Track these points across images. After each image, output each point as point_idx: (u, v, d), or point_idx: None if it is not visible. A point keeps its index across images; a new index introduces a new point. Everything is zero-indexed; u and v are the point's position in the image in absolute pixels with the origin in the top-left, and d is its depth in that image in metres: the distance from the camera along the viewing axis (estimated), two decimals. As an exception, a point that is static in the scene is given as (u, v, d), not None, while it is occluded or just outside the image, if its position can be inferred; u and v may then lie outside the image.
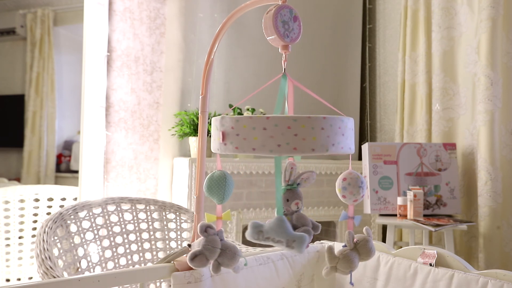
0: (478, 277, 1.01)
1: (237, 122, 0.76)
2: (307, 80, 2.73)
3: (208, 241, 0.90)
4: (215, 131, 0.81)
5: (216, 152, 0.83)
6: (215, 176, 0.90)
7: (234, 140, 0.77)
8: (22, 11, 3.89)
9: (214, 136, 0.82)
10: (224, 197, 0.90)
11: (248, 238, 0.85)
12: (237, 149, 0.77)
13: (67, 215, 1.33)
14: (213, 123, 0.82)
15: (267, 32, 0.83)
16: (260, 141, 0.74)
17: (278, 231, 0.81)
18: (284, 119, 0.73)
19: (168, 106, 2.39)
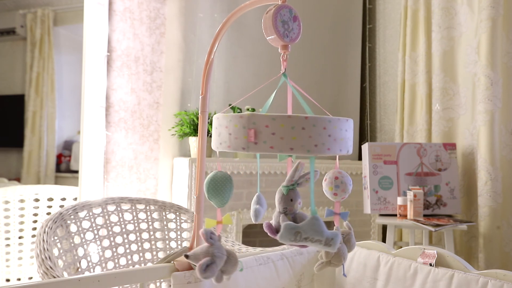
0: (478, 277, 1.01)
1: (274, 121, 0.73)
2: (307, 80, 2.73)
3: (217, 248, 0.86)
4: (241, 129, 0.75)
5: (241, 152, 0.77)
6: (218, 177, 0.86)
7: (269, 139, 0.74)
8: (22, 11, 3.89)
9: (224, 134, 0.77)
10: (226, 201, 0.87)
11: (282, 241, 0.82)
12: (272, 149, 0.74)
13: (67, 215, 1.32)
14: (233, 121, 0.76)
15: (267, 32, 0.83)
16: (299, 141, 0.74)
17: (317, 230, 0.82)
18: (321, 119, 0.75)
19: (168, 106, 2.39)
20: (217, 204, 0.87)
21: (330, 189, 0.92)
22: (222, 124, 0.78)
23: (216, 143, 0.80)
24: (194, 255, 0.87)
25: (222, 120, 0.78)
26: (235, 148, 0.76)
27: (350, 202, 2.66)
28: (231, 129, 0.76)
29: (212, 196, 0.86)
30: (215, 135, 0.80)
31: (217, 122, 0.80)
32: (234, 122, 0.76)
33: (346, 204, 2.64)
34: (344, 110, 2.84)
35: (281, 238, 0.81)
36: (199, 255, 0.86)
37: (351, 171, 2.68)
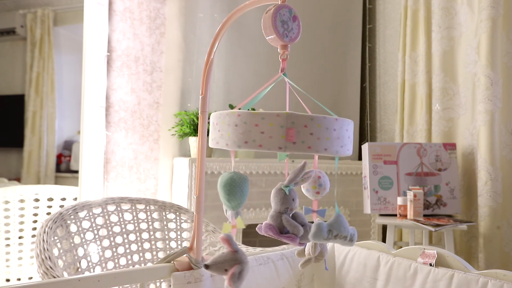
0: (478, 277, 1.01)
1: (311, 121, 0.72)
2: (307, 80, 2.73)
3: (242, 254, 0.81)
4: (278, 128, 0.72)
5: (279, 152, 0.73)
6: (236, 178, 0.81)
7: (307, 140, 0.72)
8: (22, 11, 3.89)
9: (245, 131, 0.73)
10: (243, 203, 0.82)
11: (316, 240, 0.81)
12: (309, 149, 0.72)
13: (67, 215, 1.32)
14: (267, 119, 0.72)
15: (266, 32, 0.83)
16: (331, 142, 0.74)
17: (345, 227, 0.84)
18: (346, 122, 0.77)
19: (168, 106, 2.39)
20: (234, 207, 0.82)
21: (313, 188, 0.94)
22: (250, 122, 0.73)
23: (238, 141, 0.74)
24: (217, 264, 0.81)
25: (250, 118, 0.73)
26: (267, 148, 0.73)
27: (350, 202, 2.66)
28: (263, 128, 0.72)
29: (232, 198, 0.81)
30: (235, 132, 0.74)
31: (241, 119, 0.74)
32: (268, 121, 0.72)
33: (346, 204, 2.64)
34: (344, 110, 2.84)
35: (315, 237, 0.81)
36: (224, 264, 0.80)
37: (351, 171, 2.68)
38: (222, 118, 0.77)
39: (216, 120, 0.78)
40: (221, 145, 0.77)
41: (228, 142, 0.75)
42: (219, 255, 0.81)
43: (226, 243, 0.80)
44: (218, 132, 0.77)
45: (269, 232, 0.85)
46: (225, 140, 0.76)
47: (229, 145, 0.75)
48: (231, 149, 0.76)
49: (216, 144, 0.78)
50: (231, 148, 0.76)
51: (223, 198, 0.81)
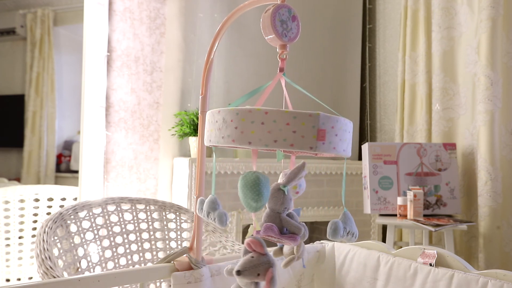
0: (478, 277, 1.01)
1: (337, 123, 0.72)
2: (307, 80, 2.73)
3: (272, 256, 0.79)
4: (310, 128, 0.70)
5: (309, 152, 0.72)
6: (262, 178, 0.77)
7: (333, 140, 0.72)
8: (22, 11, 3.90)
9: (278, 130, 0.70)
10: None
11: (335, 238, 0.81)
12: (334, 149, 0.73)
13: (67, 215, 1.32)
14: (299, 118, 0.70)
15: (265, 32, 0.83)
16: (347, 144, 0.77)
17: (353, 223, 0.84)
18: (351, 123, 0.78)
19: (168, 106, 2.39)
20: (259, 208, 0.78)
21: (294, 188, 0.93)
22: (281, 121, 0.70)
23: (265, 140, 0.71)
24: (250, 269, 0.77)
25: (281, 116, 0.71)
26: (299, 147, 0.71)
27: (350, 202, 2.66)
28: (295, 127, 0.70)
29: (259, 199, 0.77)
30: (262, 131, 0.71)
31: (270, 117, 0.71)
32: (300, 120, 0.70)
33: (346, 204, 2.64)
34: (344, 110, 2.84)
35: (334, 236, 0.80)
36: (257, 268, 0.77)
37: (351, 171, 2.68)
38: (243, 115, 0.72)
39: (232, 117, 0.73)
40: (240, 143, 0.72)
41: (252, 140, 0.71)
42: (247, 260, 0.78)
43: (259, 247, 0.78)
44: (235, 129, 0.72)
45: (270, 233, 0.82)
46: (247, 138, 0.71)
47: (253, 143, 0.71)
48: (255, 148, 0.72)
49: (231, 142, 0.73)
50: (255, 147, 0.72)
51: (248, 198, 0.76)
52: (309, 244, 1.36)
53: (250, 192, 0.75)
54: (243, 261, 0.77)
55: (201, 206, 0.84)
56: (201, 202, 0.85)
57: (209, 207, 0.81)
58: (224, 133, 0.73)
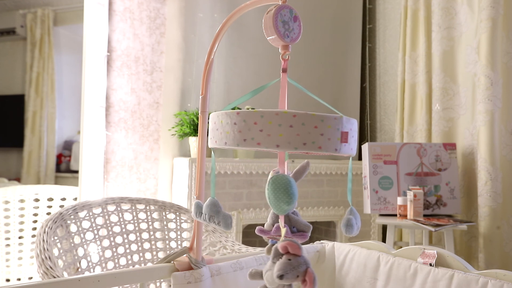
0: (478, 277, 1.01)
1: (353, 125, 0.76)
2: (307, 80, 2.73)
3: (306, 256, 0.79)
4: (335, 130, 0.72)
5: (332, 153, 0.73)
6: (292, 180, 0.76)
7: (351, 142, 0.76)
8: (22, 11, 3.90)
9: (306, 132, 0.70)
10: None
11: (349, 233, 0.82)
12: (351, 150, 0.77)
13: (67, 215, 1.33)
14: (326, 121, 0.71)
15: (267, 32, 0.83)
16: (355, 143, 0.79)
17: (358, 218, 0.85)
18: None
19: (168, 106, 2.39)
20: (287, 210, 0.77)
21: None
22: (309, 124, 0.71)
23: (294, 143, 0.71)
24: (290, 271, 0.76)
25: (310, 119, 0.71)
26: (326, 149, 0.72)
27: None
28: (323, 130, 0.71)
29: (293, 201, 0.76)
30: (291, 134, 0.71)
31: (298, 120, 0.71)
32: (327, 123, 0.72)
33: (346, 204, 2.65)
34: (344, 110, 2.84)
35: (350, 232, 0.81)
36: (297, 269, 0.77)
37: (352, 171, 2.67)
38: (269, 117, 0.71)
39: (256, 119, 0.72)
40: (267, 146, 0.71)
41: (280, 143, 0.71)
42: (286, 263, 0.77)
43: (297, 249, 0.77)
44: (260, 132, 0.71)
45: (280, 232, 0.82)
46: (274, 141, 0.71)
47: (281, 146, 0.71)
48: (283, 151, 0.72)
49: (256, 145, 0.72)
50: (283, 150, 0.72)
51: (281, 202, 0.75)
52: (309, 244, 1.36)
53: (284, 195, 0.75)
54: (282, 264, 0.76)
55: (198, 209, 0.83)
56: (198, 206, 0.84)
57: (211, 210, 0.80)
58: (246, 135, 0.72)
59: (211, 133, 0.78)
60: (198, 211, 0.83)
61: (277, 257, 0.78)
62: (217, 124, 0.76)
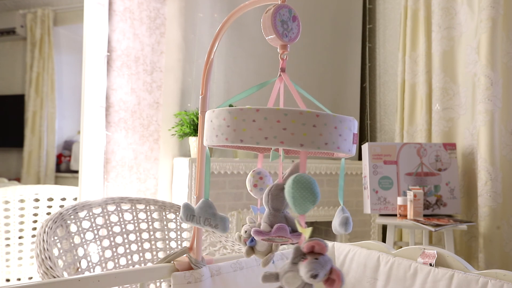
0: (478, 277, 1.01)
1: (355, 127, 0.78)
2: (307, 80, 2.73)
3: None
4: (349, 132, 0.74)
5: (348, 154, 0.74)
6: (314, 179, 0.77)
7: (356, 142, 0.79)
8: (22, 11, 3.90)
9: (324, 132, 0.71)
10: None
11: (348, 232, 0.83)
12: (350, 151, 0.78)
13: (67, 215, 1.32)
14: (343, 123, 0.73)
15: (266, 32, 0.83)
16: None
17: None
18: None
19: (168, 106, 2.39)
20: (309, 209, 0.76)
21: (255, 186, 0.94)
22: (331, 125, 0.73)
23: (317, 143, 0.72)
24: (322, 270, 0.76)
25: (332, 121, 0.73)
26: (342, 150, 0.74)
27: (350, 202, 2.66)
28: (341, 131, 0.73)
29: (316, 201, 0.75)
30: (314, 134, 0.71)
31: (321, 120, 0.72)
32: (344, 124, 0.74)
33: (346, 204, 2.65)
34: (344, 110, 2.84)
35: (349, 229, 0.82)
36: (325, 267, 0.76)
37: (351, 171, 2.68)
38: (293, 116, 0.71)
39: (278, 117, 0.71)
40: (290, 145, 0.71)
41: (305, 143, 0.71)
42: (314, 262, 0.76)
43: (324, 248, 0.76)
44: (283, 130, 0.71)
45: (282, 233, 0.81)
46: (299, 140, 0.71)
47: (305, 146, 0.71)
48: (306, 150, 0.72)
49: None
50: (307, 149, 0.72)
51: (307, 201, 0.74)
52: (309, 244, 1.36)
53: (310, 194, 0.74)
54: (313, 264, 0.75)
55: (189, 212, 0.80)
56: (188, 208, 0.80)
57: (207, 212, 0.79)
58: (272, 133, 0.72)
59: (212, 131, 0.76)
60: (188, 214, 0.80)
61: (299, 257, 0.76)
62: (227, 121, 0.74)
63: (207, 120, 0.77)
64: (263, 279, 0.78)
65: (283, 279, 0.77)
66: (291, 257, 0.77)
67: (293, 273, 0.76)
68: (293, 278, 0.76)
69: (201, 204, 0.79)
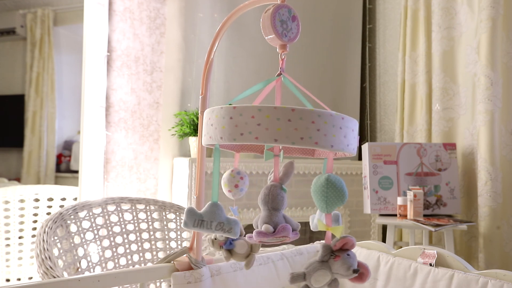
0: (478, 277, 1.01)
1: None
2: (307, 80, 2.73)
3: None
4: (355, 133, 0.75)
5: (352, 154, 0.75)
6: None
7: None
8: (22, 11, 3.89)
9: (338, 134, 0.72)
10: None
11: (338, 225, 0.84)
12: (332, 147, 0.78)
13: (67, 215, 1.32)
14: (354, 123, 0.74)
15: (265, 32, 0.83)
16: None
17: None
18: None
19: (168, 106, 2.39)
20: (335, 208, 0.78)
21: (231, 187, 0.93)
22: (349, 127, 0.74)
23: (340, 144, 0.73)
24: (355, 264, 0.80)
25: (349, 123, 0.74)
26: (352, 150, 0.76)
27: (350, 202, 2.66)
28: (355, 134, 0.77)
29: (345, 200, 0.76)
30: (339, 136, 0.73)
31: (343, 123, 0.74)
32: (354, 125, 0.76)
33: (346, 204, 2.64)
34: (344, 110, 2.84)
35: (338, 224, 0.83)
36: (356, 261, 0.80)
37: (351, 171, 2.68)
38: (312, 116, 0.70)
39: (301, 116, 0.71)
40: (321, 145, 0.71)
41: (319, 141, 0.71)
42: (348, 257, 0.78)
43: (353, 245, 0.78)
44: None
45: (285, 233, 0.81)
46: (327, 141, 0.72)
47: (319, 144, 0.72)
48: (327, 150, 0.73)
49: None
50: (329, 150, 0.73)
51: (338, 200, 0.75)
52: (309, 244, 1.36)
53: (343, 195, 0.75)
54: (349, 259, 0.77)
55: (196, 217, 0.76)
56: (193, 213, 0.76)
57: (219, 216, 0.76)
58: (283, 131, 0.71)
59: (205, 130, 0.76)
60: (196, 220, 0.77)
61: (328, 255, 0.77)
62: (211, 120, 0.74)
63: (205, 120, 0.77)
64: (292, 280, 0.77)
65: (312, 278, 0.76)
66: (320, 256, 0.77)
67: (323, 271, 0.76)
68: (323, 276, 0.76)
69: (211, 208, 0.77)
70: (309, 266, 0.77)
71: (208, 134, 0.74)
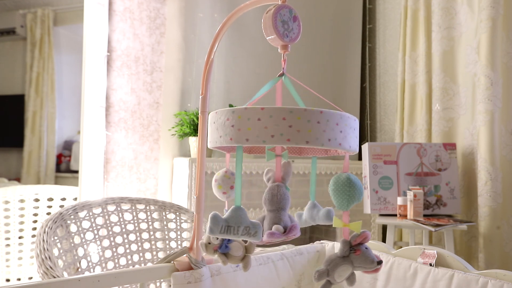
0: (478, 277, 1.01)
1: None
2: (307, 80, 2.73)
3: None
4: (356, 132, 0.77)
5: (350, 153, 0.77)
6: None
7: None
8: (22, 11, 3.90)
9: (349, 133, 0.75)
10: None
11: (330, 223, 0.85)
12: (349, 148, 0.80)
13: (67, 215, 1.32)
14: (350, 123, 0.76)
15: (267, 32, 0.83)
16: None
17: None
18: None
19: (168, 106, 2.39)
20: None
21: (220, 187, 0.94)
22: (356, 128, 0.79)
23: (353, 144, 0.76)
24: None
25: (354, 123, 0.77)
26: (355, 149, 0.79)
27: (350, 202, 2.66)
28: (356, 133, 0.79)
29: (361, 197, 0.78)
30: (354, 137, 0.76)
31: (355, 124, 0.78)
32: (355, 125, 0.79)
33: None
34: (344, 110, 2.83)
35: (331, 221, 0.85)
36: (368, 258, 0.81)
37: (351, 171, 2.68)
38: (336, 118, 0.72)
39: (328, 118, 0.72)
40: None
41: (346, 145, 0.74)
42: (368, 250, 0.80)
43: (369, 238, 0.80)
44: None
45: (296, 232, 0.83)
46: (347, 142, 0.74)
47: (344, 146, 0.74)
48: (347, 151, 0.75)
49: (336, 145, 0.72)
50: (347, 150, 0.75)
51: (355, 198, 0.77)
52: (309, 244, 1.36)
53: (360, 193, 0.77)
54: (370, 252, 0.80)
55: (222, 223, 0.75)
56: (218, 219, 0.75)
57: (245, 220, 0.75)
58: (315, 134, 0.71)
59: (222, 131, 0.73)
60: (223, 226, 0.75)
61: (348, 250, 0.80)
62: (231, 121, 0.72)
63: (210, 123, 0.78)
64: (319, 278, 0.79)
65: (335, 273, 0.80)
66: (340, 251, 0.80)
67: (346, 266, 0.79)
68: (345, 271, 0.80)
69: (236, 212, 0.75)
70: (331, 262, 0.80)
71: (228, 135, 0.72)
